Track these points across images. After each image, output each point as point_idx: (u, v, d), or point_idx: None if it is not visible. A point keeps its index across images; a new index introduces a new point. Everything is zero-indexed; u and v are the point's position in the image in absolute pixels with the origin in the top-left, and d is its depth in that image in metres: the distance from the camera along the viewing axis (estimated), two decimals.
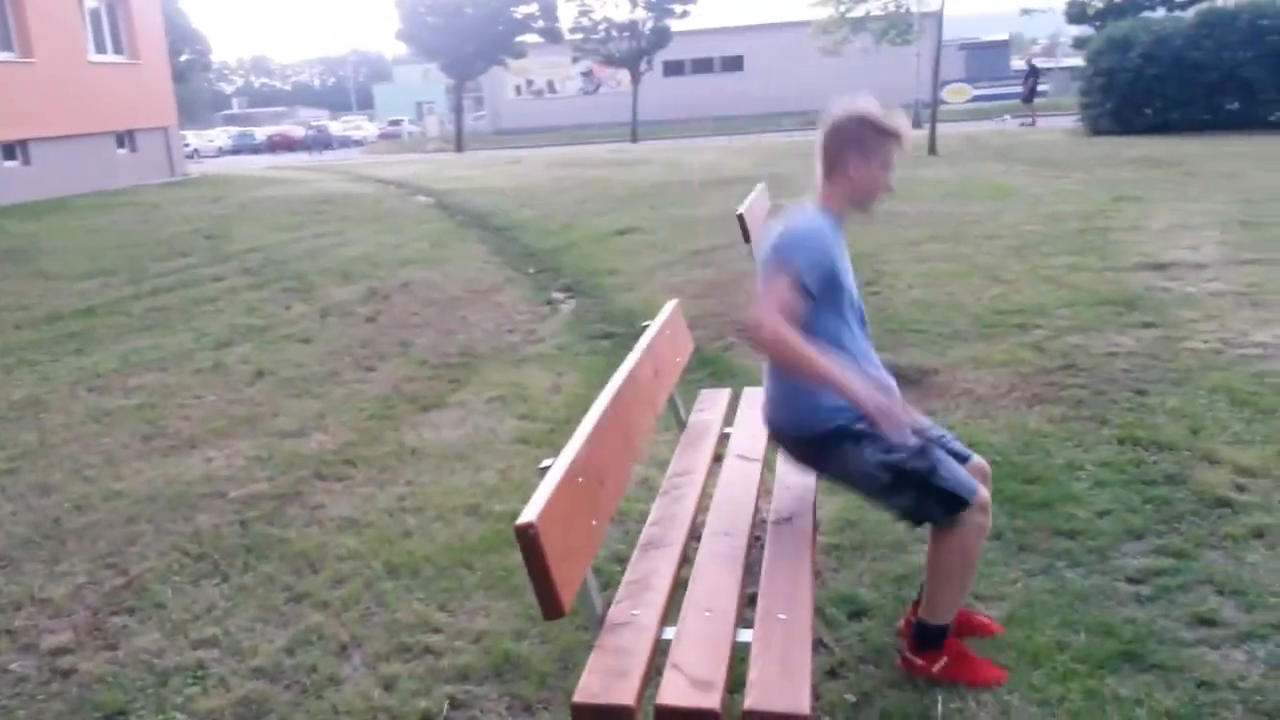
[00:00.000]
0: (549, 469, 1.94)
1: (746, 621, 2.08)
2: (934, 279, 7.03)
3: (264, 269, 9.35)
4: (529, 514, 1.73)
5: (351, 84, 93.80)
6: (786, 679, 1.84)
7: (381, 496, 3.84)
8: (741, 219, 6.24)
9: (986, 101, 37.15)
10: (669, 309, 3.33)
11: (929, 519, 2.31)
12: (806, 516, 2.52)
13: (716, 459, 2.96)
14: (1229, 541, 3.03)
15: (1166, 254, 7.31)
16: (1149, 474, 3.55)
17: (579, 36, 37.89)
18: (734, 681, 1.89)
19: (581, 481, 2.00)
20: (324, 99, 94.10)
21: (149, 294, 8.32)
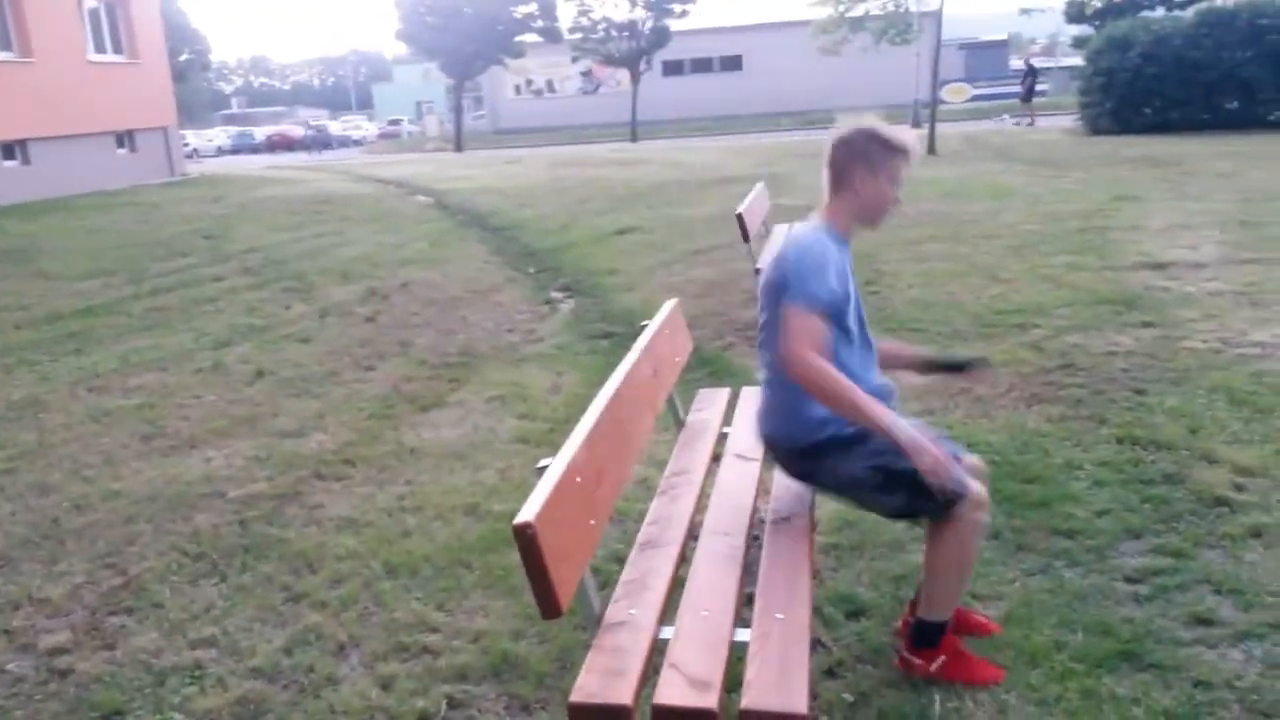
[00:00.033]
0: (547, 469, 1.94)
1: (744, 621, 2.08)
2: (933, 278, 7.03)
3: (264, 269, 9.35)
4: (527, 514, 1.73)
5: (351, 84, 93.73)
6: (784, 678, 1.84)
7: (380, 496, 3.84)
8: (741, 219, 6.24)
9: (985, 101, 37.12)
10: (668, 308, 3.33)
11: (925, 513, 2.31)
12: (804, 516, 2.52)
13: (715, 458, 2.95)
14: (1227, 541, 3.04)
15: (1165, 253, 7.32)
16: (1147, 473, 3.55)
17: (578, 36, 37.85)
18: (731, 681, 1.89)
19: (580, 481, 2.00)
20: (323, 99, 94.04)
21: (149, 294, 8.32)
